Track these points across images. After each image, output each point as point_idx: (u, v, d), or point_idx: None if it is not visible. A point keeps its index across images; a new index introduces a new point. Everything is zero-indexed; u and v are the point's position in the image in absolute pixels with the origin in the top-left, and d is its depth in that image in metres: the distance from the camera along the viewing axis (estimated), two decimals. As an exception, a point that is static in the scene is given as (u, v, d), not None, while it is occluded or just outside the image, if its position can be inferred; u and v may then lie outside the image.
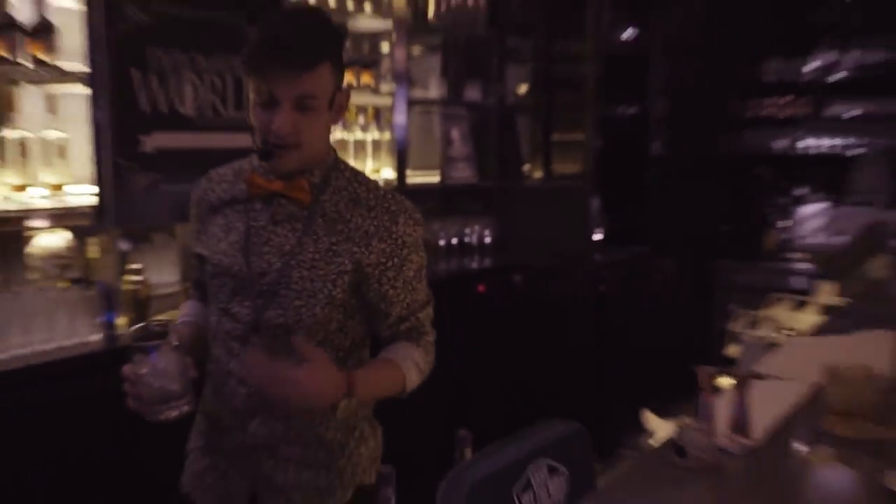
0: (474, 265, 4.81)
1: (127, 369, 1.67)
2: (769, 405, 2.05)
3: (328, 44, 1.78)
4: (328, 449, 1.90)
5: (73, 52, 3.02)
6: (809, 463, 1.41)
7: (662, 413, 2.94)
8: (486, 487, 1.45)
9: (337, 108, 1.84)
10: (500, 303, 4.68)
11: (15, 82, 3.10)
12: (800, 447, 1.76)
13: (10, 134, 2.96)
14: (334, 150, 1.96)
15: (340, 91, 1.84)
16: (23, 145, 2.97)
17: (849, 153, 6.66)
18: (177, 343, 1.73)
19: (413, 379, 1.88)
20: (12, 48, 2.89)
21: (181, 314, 2.10)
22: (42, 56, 2.96)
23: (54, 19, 3.00)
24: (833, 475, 1.39)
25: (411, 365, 1.88)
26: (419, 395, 4.26)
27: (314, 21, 1.82)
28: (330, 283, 1.83)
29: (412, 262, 1.90)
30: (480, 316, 4.54)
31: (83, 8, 2.96)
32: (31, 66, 2.94)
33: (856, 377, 1.95)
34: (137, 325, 1.76)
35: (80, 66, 3.00)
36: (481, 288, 4.62)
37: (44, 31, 2.97)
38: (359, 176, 1.97)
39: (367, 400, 1.92)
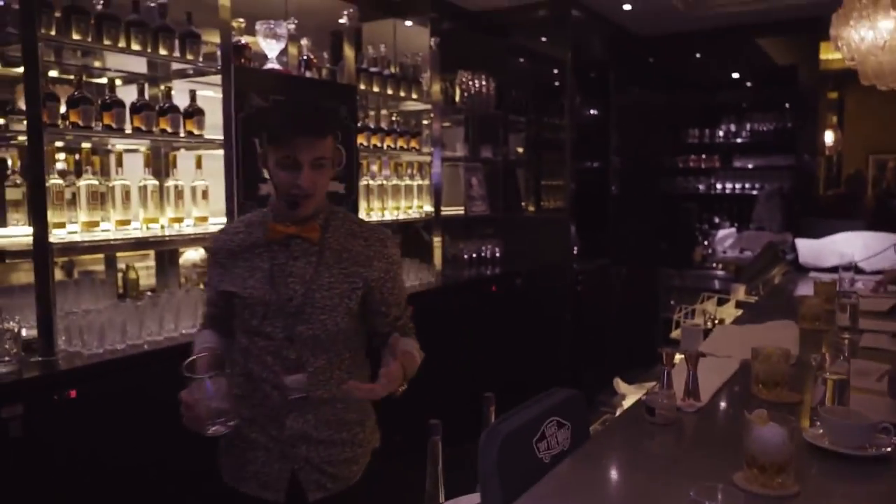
0: (488, 272, 4.76)
1: (185, 395, 1.55)
2: (711, 376, 1.97)
3: (332, 121, 1.82)
4: (350, 427, 1.79)
5: (214, 126, 3.01)
6: (747, 420, 1.33)
7: (626, 379, 2.84)
8: (513, 438, 1.37)
9: (336, 164, 1.79)
10: (506, 298, 4.62)
11: (176, 148, 3.11)
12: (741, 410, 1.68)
13: (170, 183, 2.95)
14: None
15: (339, 152, 1.86)
16: (179, 191, 2.96)
17: (750, 193, 6.62)
18: (229, 370, 1.63)
19: (419, 363, 1.81)
20: (175, 124, 2.90)
21: (201, 341, 1.85)
22: (193, 130, 2.97)
23: (202, 104, 3.01)
24: (767, 430, 1.30)
25: (418, 353, 1.81)
26: (453, 366, 4.19)
27: (321, 107, 1.84)
28: (346, 298, 1.75)
29: (399, 274, 1.87)
30: (493, 308, 4.50)
31: (221, 97, 2.96)
32: (185, 137, 2.95)
33: (774, 355, 1.87)
34: (189, 360, 1.61)
35: (218, 136, 2.98)
36: (493, 288, 4.57)
37: (195, 113, 2.98)
38: (349, 215, 1.90)
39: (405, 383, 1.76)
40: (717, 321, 2.95)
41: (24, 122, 2.42)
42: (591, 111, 6.19)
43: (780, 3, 5.26)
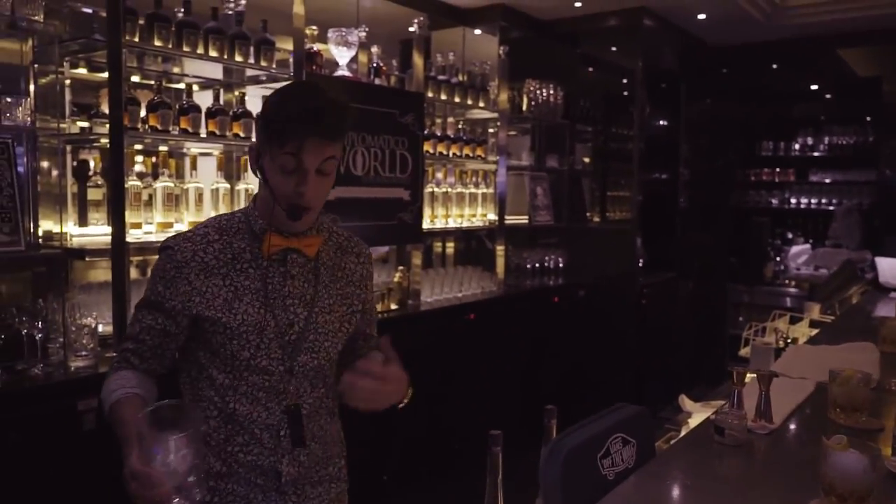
0: (551, 282, 4.71)
1: (136, 465, 1.13)
2: (784, 398, 1.89)
3: (349, 118, 1.44)
4: (335, 462, 1.58)
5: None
6: (825, 446, 1.26)
7: (692, 397, 2.76)
8: (577, 454, 1.34)
9: (337, 170, 1.48)
10: (569, 310, 4.56)
11: (247, 153, 3.11)
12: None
13: (241, 186, 3.00)
14: None
15: (342, 153, 1.50)
16: (249, 194, 2.99)
17: (826, 208, 6.38)
18: (203, 427, 1.33)
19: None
20: (248, 129, 2.94)
21: (119, 385, 1.40)
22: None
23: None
24: (847, 457, 1.23)
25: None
26: (513, 376, 4.15)
27: (339, 98, 1.43)
28: (346, 322, 1.55)
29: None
30: (555, 319, 4.45)
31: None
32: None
33: (854, 378, 1.78)
34: (148, 409, 1.18)
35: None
36: (556, 299, 4.52)
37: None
38: (333, 225, 1.63)
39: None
40: (789, 340, 2.83)
41: (107, 126, 2.52)
42: (661, 122, 6.08)
43: (863, 13, 5.05)
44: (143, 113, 2.67)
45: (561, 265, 4.94)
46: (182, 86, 2.98)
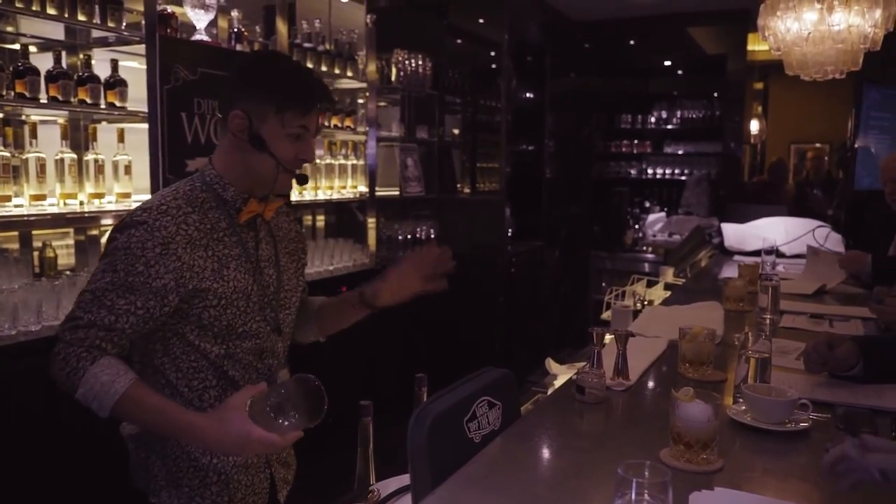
0: (423, 254, 4.73)
1: (279, 440, 1.33)
2: (639, 356, 1.99)
3: None
4: None
5: (137, 98, 2.87)
6: (673, 398, 1.34)
7: (558, 360, 2.86)
8: (443, 418, 1.35)
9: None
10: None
11: (96, 120, 2.96)
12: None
13: (90, 157, 2.81)
14: None
15: None
16: (100, 165, 2.82)
17: (679, 178, 6.78)
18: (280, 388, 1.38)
19: None
20: (96, 95, 2.76)
21: (117, 374, 1.33)
22: (115, 101, 2.83)
23: (124, 75, 2.88)
24: (692, 407, 1.32)
25: None
26: (385, 347, 4.16)
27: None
28: (300, 275, 1.69)
29: None
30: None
31: (145, 67, 2.83)
32: (106, 108, 2.81)
33: (700, 335, 1.91)
34: (249, 403, 1.32)
35: (143, 108, 2.85)
36: (428, 270, 4.54)
37: (117, 83, 2.84)
38: None
39: None
40: (646, 302, 3.00)
41: (-73, 88, 2.26)
42: (528, 95, 6.22)
43: (710, -7, 5.37)
44: (-30, 75, 2.42)
45: (433, 236, 4.98)
46: (17, 46, 2.72)
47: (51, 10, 2.56)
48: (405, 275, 1.75)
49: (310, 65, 3.84)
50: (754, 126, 7.57)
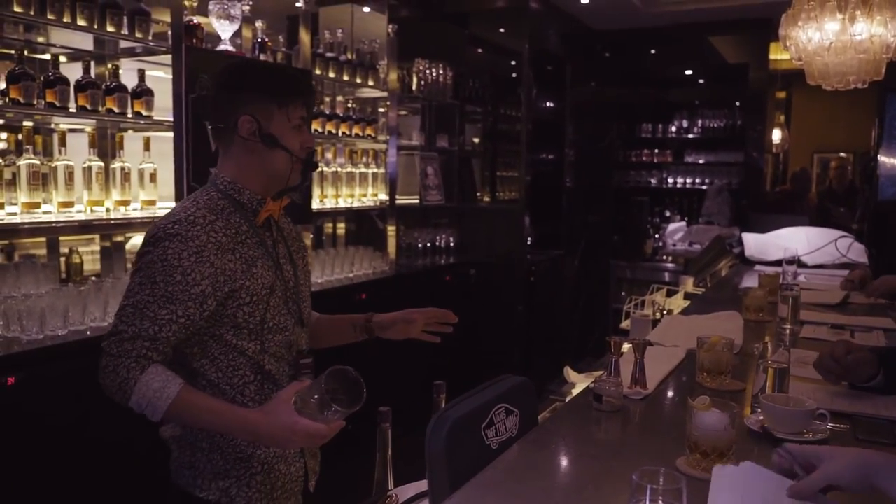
0: (442, 262, 4.76)
1: (325, 429, 1.38)
2: (657, 365, 1.99)
3: None
4: None
5: (163, 108, 2.93)
6: (690, 407, 1.35)
7: (576, 369, 2.87)
8: (461, 425, 1.37)
9: None
10: (460, 288, 4.63)
11: (123, 129, 3.02)
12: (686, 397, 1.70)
13: (116, 165, 2.86)
14: None
15: None
16: (126, 173, 2.88)
17: (700, 188, 6.75)
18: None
19: None
20: (123, 104, 2.82)
21: (167, 380, 1.40)
22: (142, 110, 2.89)
23: (151, 85, 2.94)
24: (708, 416, 1.32)
25: None
26: (406, 354, 4.18)
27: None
28: (308, 271, 1.79)
29: None
30: (447, 297, 4.49)
31: (171, 77, 2.88)
32: (133, 117, 2.87)
33: (719, 344, 1.90)
34: (294, 399, 1.38)
35: (168, 117, 2.91)
36: (447, 277, 4.57)
37: (144, 93, 2.90)
38: None
39: None
40: (665, 312, 2.99)
41: (-39, 98, 2.32)
42: (548, 104, 6.23)
43: (732, 2, 5.36)
44: (2, 85, 2.48)
45: (452, 244, 5.00)
46: (48, 57, 2.78)
47: (81, 22, 2.62)
48: (413, 320, 2.00)
49: (332, 74, 3.88)
50: (777, 135, 7.51)
